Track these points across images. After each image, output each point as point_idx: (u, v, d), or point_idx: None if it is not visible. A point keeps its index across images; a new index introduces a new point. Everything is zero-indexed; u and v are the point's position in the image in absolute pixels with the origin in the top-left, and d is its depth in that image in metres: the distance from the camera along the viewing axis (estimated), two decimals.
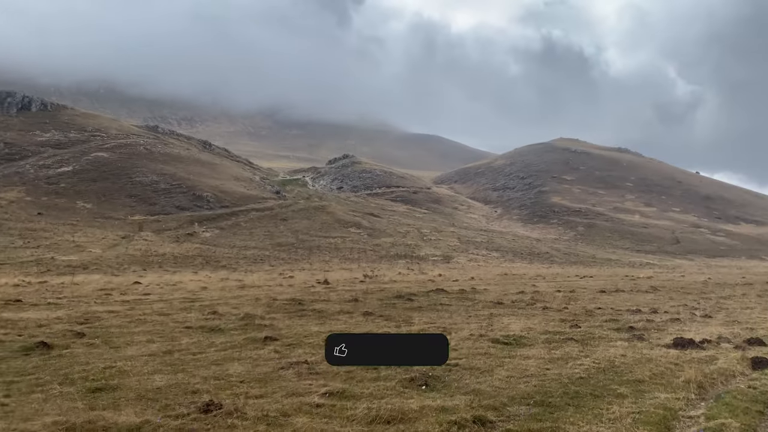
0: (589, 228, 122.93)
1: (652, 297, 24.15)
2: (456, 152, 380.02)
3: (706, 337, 11.64)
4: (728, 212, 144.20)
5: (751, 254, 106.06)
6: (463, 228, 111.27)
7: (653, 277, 42.72)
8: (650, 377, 8.10)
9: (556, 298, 22.52)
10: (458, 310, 17.90)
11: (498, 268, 66.20)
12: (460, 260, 78.42)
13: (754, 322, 14.94)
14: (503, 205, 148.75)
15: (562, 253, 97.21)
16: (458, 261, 77.35)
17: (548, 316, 16.43)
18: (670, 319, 15.69)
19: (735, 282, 36.21)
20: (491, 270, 58.91)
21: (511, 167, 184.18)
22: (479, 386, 7.68)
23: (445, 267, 63.71)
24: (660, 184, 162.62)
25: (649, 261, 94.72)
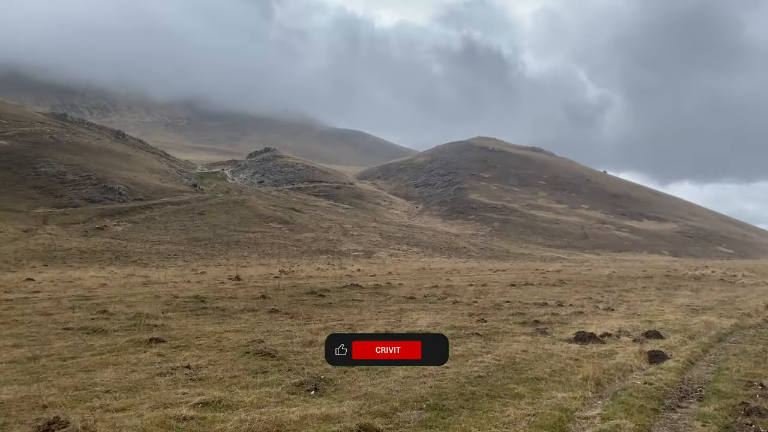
0: (504, 224, 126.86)
1: (559, 290, 24.69)
2: (379, 148, 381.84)
3: (607, 330, 11.71)
4: (632, 209, 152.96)
5: (652, 249, 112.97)
6: (385, 223, 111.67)
7: (561, 271, 44.20)
8: (550, 374, 7.86)
9: (467, 292, 22.51)
10: (369, 306, 17.40)
11: (417, 262, 66.71)
12: (381, 255, 78.55)
13: (653, 315, 15.34)
14: (424, 201, 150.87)
15: (478, 248, 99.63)
16: (379, 256, 77.42)
17: (457, 311, 16.23)
18: (574, 312, 15.88)
19: (637, 275, 37.97)
20: (410, 265, 59.15)
21: (432, 164, 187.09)
22: (373, 389, 7.13)
23: (365, 262, 63.47)
24: (570, 183, 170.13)
25: (559, 255, 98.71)
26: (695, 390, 7.39)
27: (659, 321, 13.84)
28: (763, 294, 23.67)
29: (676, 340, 10.99)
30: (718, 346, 10.70)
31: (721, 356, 9.63)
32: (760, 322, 14.27)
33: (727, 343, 11.09)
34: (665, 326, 12.94)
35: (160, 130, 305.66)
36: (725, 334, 12.10)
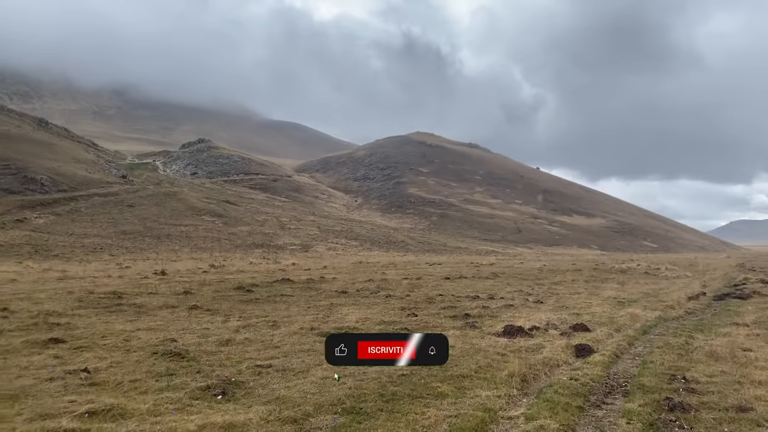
0: (442, 218, 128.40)
1: (492, 283, 24.80)
2: (318, 141, 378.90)
3: (536, 323, 11.59)
4: (563, 205, 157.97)
5: (582, 243, 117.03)
6: (323, 217, 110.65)
7: (495, 264, 44.83)
8: (476, 371, 7.55)
9: (401, 286, 22.23)
10: (298, 301, 16.77)
11: (355, 256, 66.33)
12: (319, 249, 77.71)
13: (581, 308, 15.46)
14: (363, 195, 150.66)
15: (416, 242, 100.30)
16: (317, 250, 76.56)
17: (389, 305, 15.86)
18: (504, 305, 15.81)
19: (566, 269, 38.89)
20: (348, 258, 58.67)
21: (372, 158, 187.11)
22: (287, 392, 6.57)
23: (302, 256, 62.53)
24: (505, 178, 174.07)
25: (494, 249, 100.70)
26: (621, 385, 7.25)
27: (587, 314, 13.92)
28: (684, 286, 24.55)
29: (602, 333, 10.98)
30: (643, 339, 10.75)
31: (645, 349, 9.63)
32: (682, 314, 14.61)
33: (651, 336, 11.18)
34: (592, 319, 12.99)
35: (88, 118, 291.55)
36: (650, 327, 12.25)
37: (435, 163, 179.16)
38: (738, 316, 14.14)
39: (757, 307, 16.44)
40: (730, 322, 12.89)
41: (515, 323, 11.52)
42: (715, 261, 66.44)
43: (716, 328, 11.99)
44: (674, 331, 11.54)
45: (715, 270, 42.67)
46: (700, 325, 12.47)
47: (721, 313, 14.97)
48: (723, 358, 8.32)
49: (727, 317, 14.03)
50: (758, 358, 8.48)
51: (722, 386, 6.92)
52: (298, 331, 10.79)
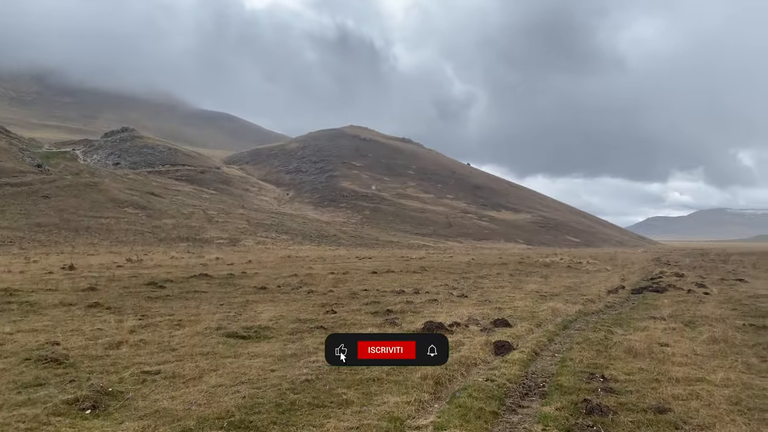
0: (374, 212, 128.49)
1: (419, 277, 24.51)
2: (249, 132, 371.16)
3: (457, 319, 11.21)
4: (493, 200, 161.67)
5: (509, 237, 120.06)
6: (253, 210, 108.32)
7: (425, 258, 44.85)
8: (388, 373, 6.98)
9: (326, 281, 21.53)
10: (212, 298, 15.76)
11: (285, 250, 65.07)
12: (248, 243, 75.84)
13: (504, 302, 15.29)
14: (295, 188, 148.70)
15: (349, 236, 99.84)
16: (245, 244, 74.66)
17: (310, 301, 15.15)
18: (428, 300, 15.42)
19: (493, 262, 39.33)
20: (277, 253, 57.39)
21: (304, 151, 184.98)
22: (170, 404, 5.77)
23: (229, 250, 60.77)
24: (437, 173, 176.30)
25: (425, 243, 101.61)
26: (538, 385, 6.88)
27: (509, 308, 13.71)
28: (604, 280, 25.11)
29: (523, 328, 10.71)
30: (563, 334, 10.56)
31: (565, 345, 9.40)
32: (602, 308, 14.69)
33: (571, 331, 11.02)
34: (514, 314, 12.77)
35: (3, 104, 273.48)
36: (570, 321, 12.14)
37: (368, 157, 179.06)
38: (655, 310, 14.33)
39: (673, 300, 16.82)
40: (648, 315, 12.99)
41: (436, 319, 11.09)
42: (633, 255, 69.56)
43: (634, 322, 12.00)
44: (594, 325, 11.45)
45: (633, 264, 44.39)
46: (618, 319, 12.47)
47: (639, 307, 15.16)
48: (641, 354, 8.15)
49: (645, 311, 14.18)
50: (675, 353, 8.37)
51: (641, 385, 6.67)
52: (203, 331, 9.90)
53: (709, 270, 38.07)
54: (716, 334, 10.01)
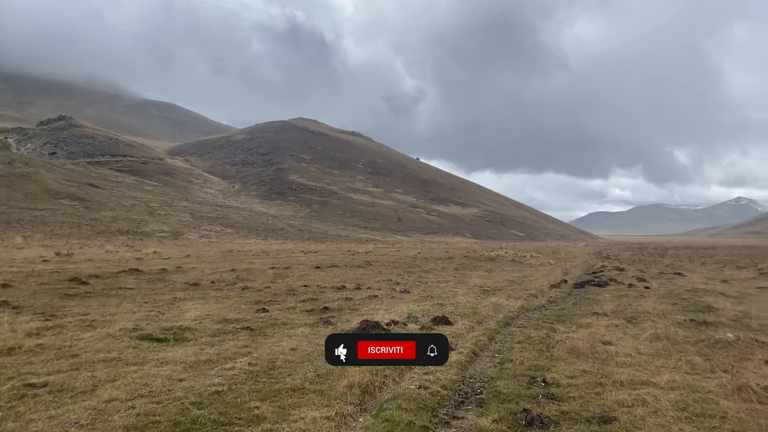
0: (323, 206, 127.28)
1: (363, 272, 23.88)
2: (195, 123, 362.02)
3: (396, 317, 10.61)
4: (441, 195, 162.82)
5: (457, 231, 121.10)
6: (197, 203, 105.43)
7: (371, 252, 44.31)
8: (312, 381, 6.28)
9: (265, 276, 20.59)
10: (137, 296, 14.65)
11: (229, 244, 63.51)
12: (191, 236, 73.75)
13: (446, 297, 14.82)
14: (242, 181, 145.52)
15: (296, 230, 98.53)
16: (188, 237, 72.58)
17: (243, 298, 14.26)
18: (369, 296, 14.79)
19: (439, 256, 39.14)
20: (220, 246, 55.73)
21: (251, 143, 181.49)
22: (45, 425, 4.87)
23: (171, 244, 58.81)
24: (387, 168, 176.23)
25: (374, 237, 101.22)
26: (476, 391, 6.33)
27: (451, 304, 13.22)
28: (547, 274, 25.12)
29: (463, 326, 10.20)
30: (505, 332, 10.11)
31: (506, 344, 8.92)
32: (545, 303, 14.41)
33: (513, 328, 10.59)
34: (456, 310, 12.28)
35: None
36: (512, 317, 11.73)
37: (317, 150, 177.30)
38: (597, 305, 14.15)
39: (614, 294, 16.77)
40: (590, 311, 12.75)
41: (374, 317, 10.45)
42: (575, 249, 71.05)
43: (577, 318, 11.70)
44: (536, 322, 11.06)
45: (576, 258, 45.11)
46: (561, 315, 12.16)
47: (581, 302, 14.97)
48: (584, 354, 7.74)
49: (587, 306, 13.97)
50: (618, 352, 8.00)
51: (584, 389, 6.21)
52: (115, 333, 8.93)
53: (648, 264, 38.98)
54: (659, 330, 9.76)
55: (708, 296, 16.24)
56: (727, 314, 12.51)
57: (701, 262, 45.58)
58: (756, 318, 12.09)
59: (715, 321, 11.39)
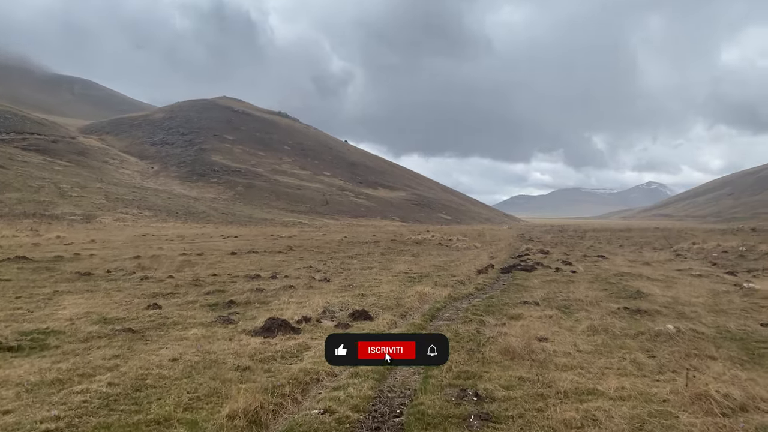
0: (248, 188, 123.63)
1: (283, 258, 22.36)
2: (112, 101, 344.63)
3: (310, 312, 9.32)
4: (369, 178, 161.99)
5: (385, 215, 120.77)
6: (113, 184, 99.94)
7: (296, 236, 42.64)
8: (186, 407, 4.91)
9: (172, 264, 18.71)
10: (12, 289, 12.57)
11: (145, 228, 60.14)
12: (105, 220, 69.68)
13: (369, 286, 13.66)
14: (161, 162, 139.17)
15: (219, 213, 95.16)
16: (102, 221, 68.51)
17: (138, 290, 12.52)
18: (285, 286, 13.39)
19: (366, 240, 38.04)
20: (134, 230, 52.40)
21: (172, 122, 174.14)
22: None
23: (81, 228, 54.84)
24: (314, 149, 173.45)
25: (301, 221, 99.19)
26: (394, 411, 5.15)
27: (373, 294, 12.06)
28: (474, 258, 24.52)
29: (385, 321, 9.06)
30: (431, 327, 9.05)
31: None
32: (473, 291, 13.50)
33: (440, 322, 9.55)
34: (378, 301, 11.13)
35: None
36: (439, 309, 10.70)
37: (242, 131, 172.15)
38: (526, 292, 13.41)
39: (542, 280, 16.17)
40: (520, 299, 11.93)
41: (283, 314, 9.13)
42: (499, 232, 72.01)
43: (507, 308, 10.82)
44: (464, 314, 10.07)
45: (500, 241, 45.25)
46: (490, 305, 11.25)
47: (510, 289, 14.22)
48: (519, 354, 6.76)
49: (516, 293, 13.20)
50: (556, 351, 7.08)
51: (524, 405, 5.18)
52: None
53: (570, 246, 39.50)
54: (595, 322, 8.99)
55: (635, 281, 15.94)
56: (658, 300, 12.04)
57: (619, 244, 46.87)
58: (687, 304, 11.67)
59: (649, 309, 10.82)
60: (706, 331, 8.72)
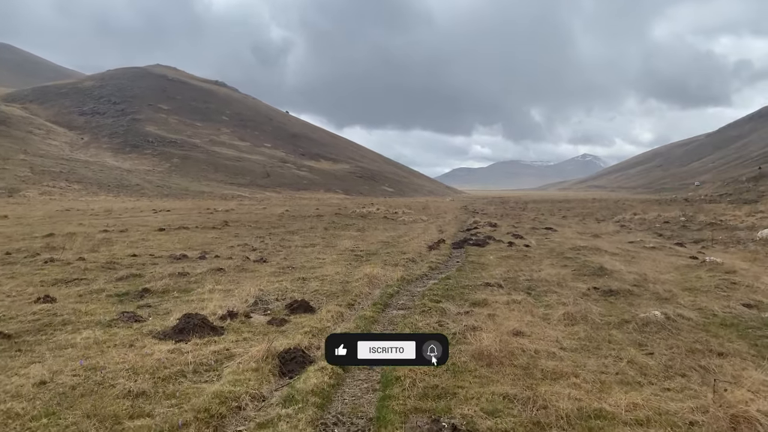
0: (184, 160, 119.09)
1: (216, 235, 20.43)
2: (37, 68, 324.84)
3: (236, 306, 7.69)
4: (312, 150, 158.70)
5: (328, 188, 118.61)
6: (39, 156, 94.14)
7: (234, 210, 40.37)
8: None
9: (88, 243, 16.57)
10: None
11: (72, 202, 56.43)
12: (30, 193, 65.43)
13: (311, 267, 12.13)
14: (92, 132, 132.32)
15: (154, 185, 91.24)
16: (26, 194, 64.25)
17: (34, 277, 10.55)
18: (213, 269, 11.67)
19: (309, 214, 36.28)
20: (60, 204, 48.71)
21: (102, 90, 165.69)
22: None
23: (3, 202, 50.75)
24: (254, 120, 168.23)
25: (241, 193, 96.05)
26: None
27: (315, 278, 10.54)
28: (422, 232, 23.31)
29: (329, 313, 7.59)
30: (384, 320, 7.65)
31: None
32: (426, 271, 12.17)
33: (394, 311, 8.16)
34: (321, 287, 9.64)
35: None
36: (391, 294, 9.31)
37: (177, 100, 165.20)
38: (484, 270, 12.22)
39: (498, 256, 15.05)
40: (480, 281, 10.69)
41: (205, 307, 7.52)
42: (443, 204, 71.44)
43: (468, 292, 9.54)
44: (421, 301, 8.71)
45: (446, 213, 44.41)
46: (448, 288, 9.95)
47: (465, 267, 13.00)
48: (497, 359, 5.45)
49: (474, 273, 11.97)
50: (539, 351, 5.82)
51: None
52: None
53: (515, 218, 39.02)
54: (569, 308, 7.83)
55: (594, 255, 15.06)
56: (626, 278, 11.08)
57: (562, 215, 46.92)
58: (657, 282, 10.75)
59: (621, 288, 9.81)
60: (693, 317, 7.69)
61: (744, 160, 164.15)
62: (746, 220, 35.57)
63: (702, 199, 72.89)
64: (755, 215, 38.26)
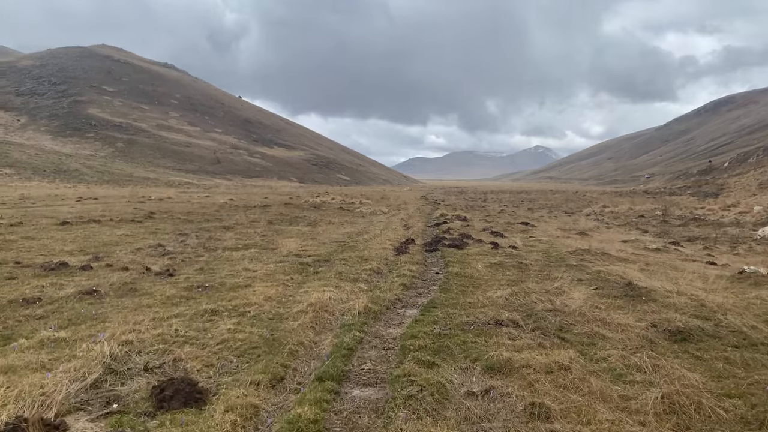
0: (129, 144, 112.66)
1: (129, 230, 16.35)
2: None
3: (44, 398, 3.99)
4: (265, 136, 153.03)
5: (281, 175, 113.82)
6: None
7: (170, 199, 35.91)
8: None
9: None
10: None
11: None
12: None
13: (233, 287, 8.33)
14: (29, 114, 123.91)
15: (95, 171, 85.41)
16: None
17: None
18: (84, 290, 7.81)
19: (255, 204, 32.25)
20: None
21: (42, 70, 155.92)
22: None
23: None
24: (204, 104, 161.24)
25: (189, 180, 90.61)
26: None
27: (232, 311, 6.85)
28: (385, 228, 19.76)
29: (230, 414, 3.98)
30: (339, 423, 4.11)
31: None
32: (399, 294, 8.48)
33: (357, 393, 4.61)
34: (235, 331, 5.97)
35: None
36: (351, 349, 5.66)
37: (123, 82, 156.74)
38: (479, 290, 8.82)
39: (486, 263, 11.66)
40: (485, 316, 7.20)
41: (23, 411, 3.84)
42: (402, 194, 68.11)
43: (474, 340, 6.05)
44: (403, 367, 5.16)
45: (407, 204, 41.00)
46: (440, 331, 6.43)
47: (450, 282, 9.55)
48: None
49: (466, 295, 8.54)
50: None
51: None
52: None
53: (482, 210, 36.07)
54: (663, 388, 4.46)
55: (603, 263, 11.87)
56: (675, 303, 7.89)
57: (527, 207, 44.34)
58: (721, 310, 7.55)
59: (690, 327, 6.56)
60: None
61: (691, 153, 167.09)
62: (724, 214, 33.59)
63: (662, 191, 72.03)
64: (730, 209, 36.41)
